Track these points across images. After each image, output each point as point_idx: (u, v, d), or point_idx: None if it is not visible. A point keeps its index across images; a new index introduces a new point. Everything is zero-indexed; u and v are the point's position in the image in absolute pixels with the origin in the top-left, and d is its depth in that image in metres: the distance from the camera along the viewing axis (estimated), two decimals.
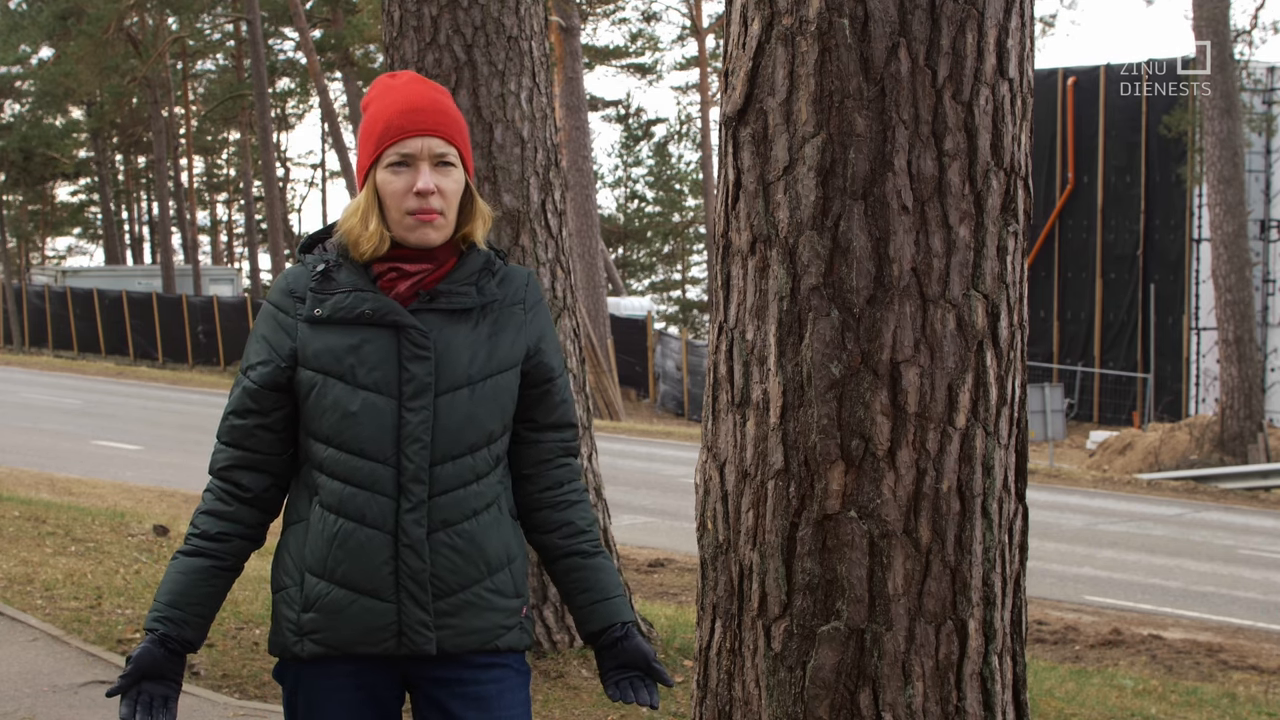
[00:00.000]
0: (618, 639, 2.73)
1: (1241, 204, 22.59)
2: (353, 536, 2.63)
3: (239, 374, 2.72)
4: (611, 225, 56.39)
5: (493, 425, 2.69)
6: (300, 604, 2.67)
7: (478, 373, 2.68)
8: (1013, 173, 3.22)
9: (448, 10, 6.06)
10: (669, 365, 31.57)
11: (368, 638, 2.64)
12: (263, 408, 2.68)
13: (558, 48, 21.41)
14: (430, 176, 2.66)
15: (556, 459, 2.80)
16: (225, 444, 2.71)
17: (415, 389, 2.64)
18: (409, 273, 2.69)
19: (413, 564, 2.63)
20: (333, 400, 2.63)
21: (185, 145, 51.26)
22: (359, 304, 2.65)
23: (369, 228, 2.67)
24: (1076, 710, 6.37)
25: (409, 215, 2.65)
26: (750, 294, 3.27)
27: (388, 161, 2.67)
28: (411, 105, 2.69)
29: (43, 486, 13.32)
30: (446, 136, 2.69)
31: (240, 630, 6.74)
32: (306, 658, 2.67)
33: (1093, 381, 30.39)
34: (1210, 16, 22.41)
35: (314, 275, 2.70)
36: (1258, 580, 12.15)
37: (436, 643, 2.65)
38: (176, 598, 2.65)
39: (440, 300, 2.68)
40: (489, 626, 2.69)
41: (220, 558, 2.68)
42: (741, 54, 3.27)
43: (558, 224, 6.31)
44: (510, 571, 2.72)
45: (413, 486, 2.63)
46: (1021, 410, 3.32)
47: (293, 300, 2.69)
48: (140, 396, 26.53)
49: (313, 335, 2.66)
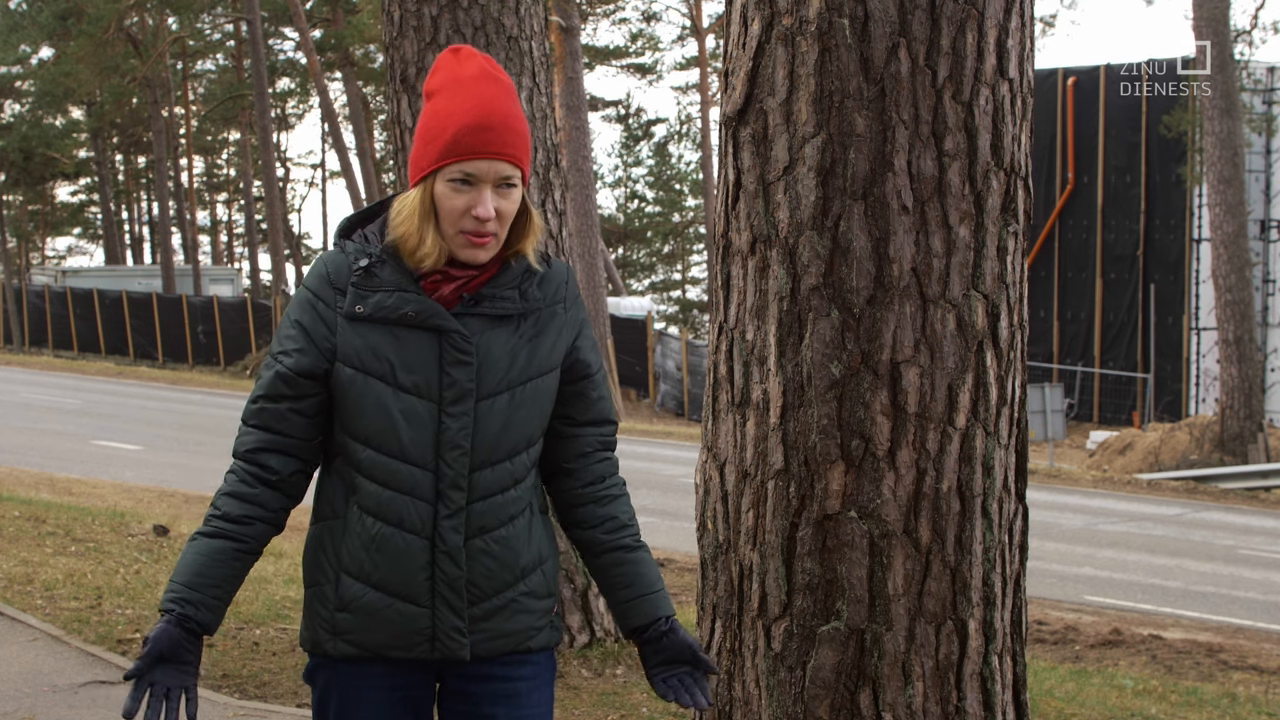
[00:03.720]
0: (663, 633, 2.69)
1: (1241, 204, 22.59)
2: (390, 541, 2.59)
3: (269, 358, 2.64)
4: (611, 225, 56.37)
5: (532, 430, 2.65)
6: (335, 603, 2.63)
7: (518, 377, 2.63)
8: (1013, 173, 3.22)
9: (448, 10, 6.06)
10: (669, 365, 31.55)
11: (401, 642, 2.61)
12: (296, 393, 2.60)
13: (558, 48, 21.39)
14: (491, 202, 2.56)
15: (596, 453, 2.75)
16: (253, 427, 2.62)
17: (456, 394, 2.58)
18: (454, 276, 2.62)
19: (449, 570, 2.59)
20: (374, 401, 2.57)
21: (185, 145, 51.27)
22: (402, 305, 2.58)
23: (426, 242, 2.57)
24: (1076, 710, 6.37)
25: (462, 234, 2.57)
26: (750, 294, 3.27)
27: (450, 176, 2.56)
28: (483, 121, 2.56)
29: (43, 486, 13.31)
30: (515, 160, 2.58)
31: (240, 630, 6.74)
32: (339, 657, 2.65)
33: (1093, 381, 30.38)
34: (1210, 16, 22.40)
35: (356, 269, 2.61)
36: (1258, 580, 12.15)
37: (470, 647, 2.62)
38: (194, 578, 2.56)
39: (484, 305, 2.62)
40: (522, 629, 2.67)
41: (241, 540, 2.60)
42: (741, 54, 3.27)
43: (558, 224, 6.30)
44: (543, 572, 2.70)
45: (451, 493, 2.59)
46: (1021, 410, 3.32)
47: (333, 292, 2.60)
48: (140, 396, 26.53)
49: (353, 332, 2.59)
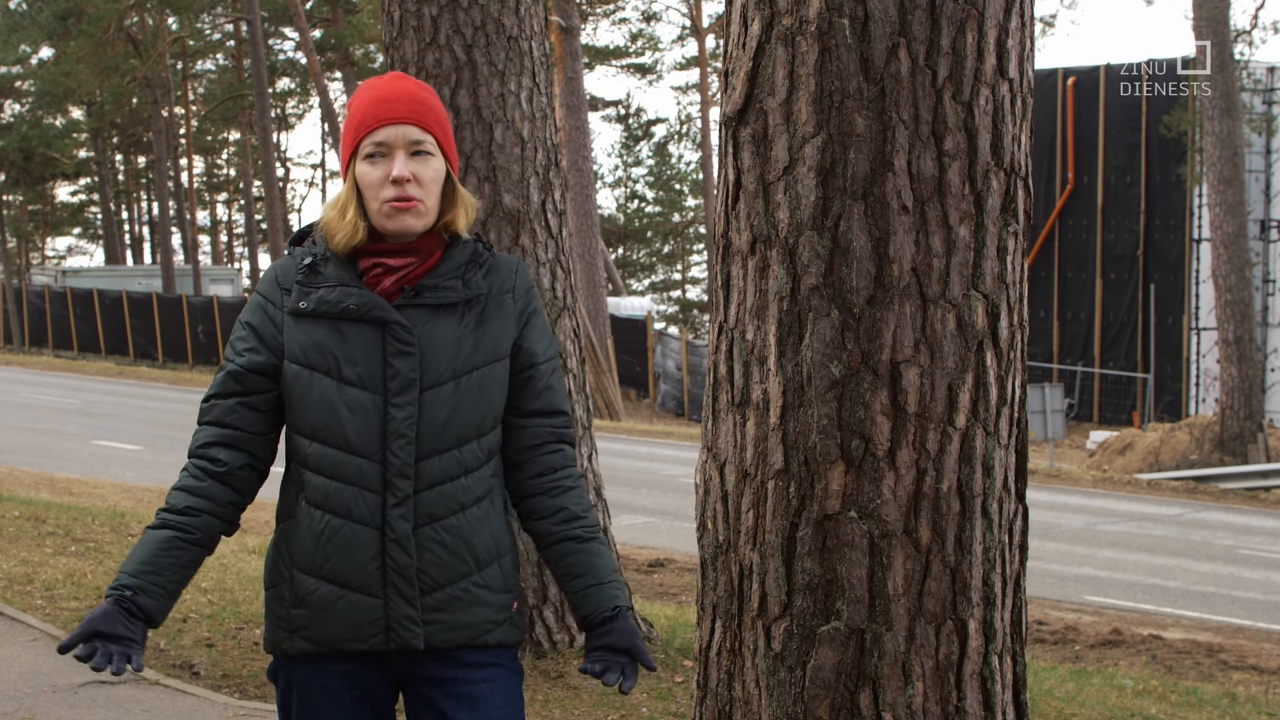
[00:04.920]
0: (607, 619, 2.70)
1: (1241, 204, 22.59)
2: (339, 532, 2.62)
3: (223, 362, 2.72)
4: (611, 225, 56.38)
5: (479, 419, 2.68)
6: (290, 600, 2.66)
7: (463, 366, 2.66)
8: (1013, 173, 3.22)
9: (448, 10, 6.06)
10: (669, 365, 31.56)
11: (355, 634, 2.63)
12: (246, 389, 2.67)
13: (558, 48, 21.39)
14: (406, 164, 2.65)
15: (546, 444, 2.77)
16: (204, 424, 2.71)
17: (400, 384, 2.63)
18: (394, 267, 2.68)
19: (399, 559, 2.62)
20: (318, 395, 2.63)
21: (185, 145, 51.26)
22: (344, 299, 2.64)
23: (345, 218, 2.67)
24: (1076, 710, 6.37)
25: (386, 203, 2.65)
26: (750, 294, 3.27)
27: (365, 153, 2.68)
28: (385, 96, 2.70)
29: (43, 486, 13.31)
30: (421, 124, 2.68)
31: (240, 630, 6.74)
32: (297, 655, 2.67)
33: (1093, 381, 30.39)
34: (1210, 16, 22.40)
35: (300, 268, 2.69)
36: (1258, 580, 12.15)
37: (425, 638, 2.64)
38: (136, 565, 2.62)
39: (426, 295, 2.67)
40: (478, 621, 2.67)
41: (184, 530, 2.66)
42: (741, 54, 3.27)
43: (558, 224, 6.30)
44: (500, 566, 2.71)
45: (398, 482, 2.62)
46: (1021, 410, 3.32)
47: (280, 292, 2.69)
48: (140, 396, 26.53)
49: (297, 328, 2.66)
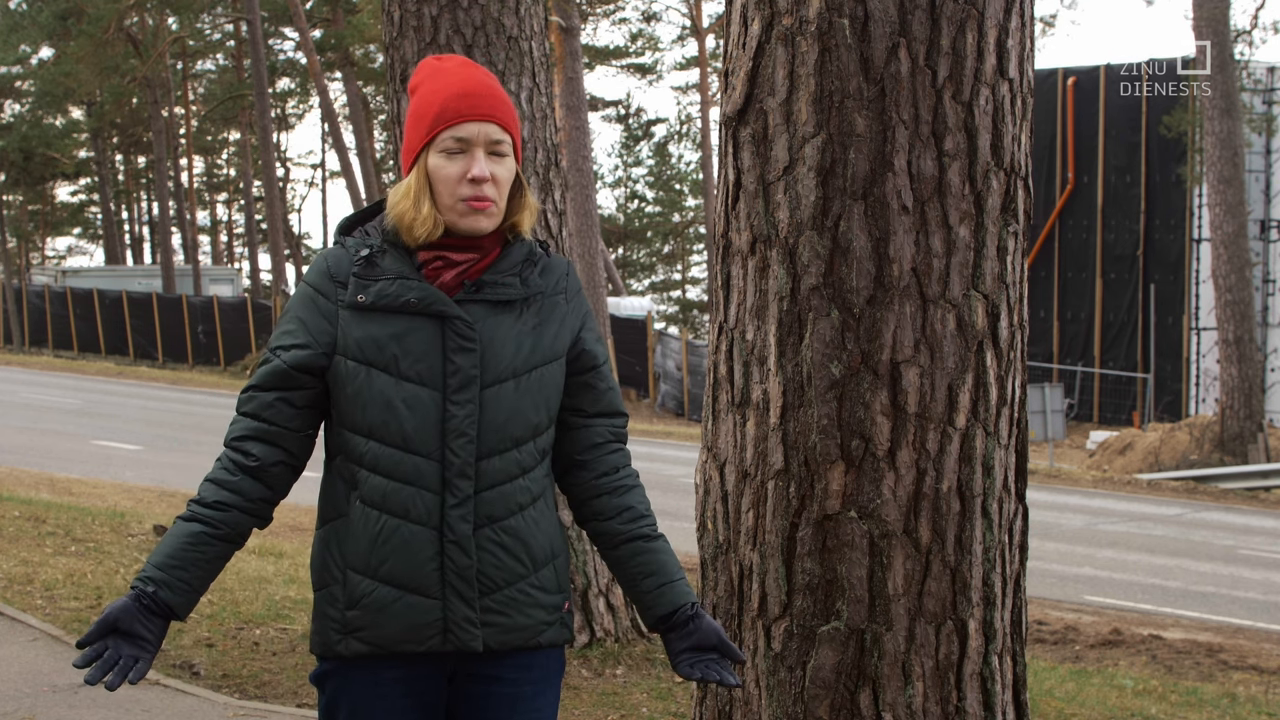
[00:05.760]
0: (689, 618, 2.66)
1: (1241, 204, 22.59)
2: (397, 533, 2.56)
3: (267, 352, 2.63)
4: (611, 225, 56.37)
5: (538, 418, 2.63)
6: (344, 601, 2.59)
7: (523, 365, 2.62)
8: (1013, 173, 3.22)
9: (448, 10, 6.06)
10: (669, 365, 31.54)
11: (413, 635, 2.58)
12: (288, 385, 2.60)
13: (558, 48, 21.39)
14: (486, 164, 2.59)
15: (609, 444, 2.73)
16: (242, 414, 2.63)
17: (460, 381, 2.57)
18: (455, 262, 2.62)
19: (459, 560, 2.56)
20: (376, 392, 2.56)
21: (185, 145, 51.27)
22: (404, 292, 2.58)
23: (422, 211, 2.59)
24: (1076, 710, 6.37)
25: (462, 202, 2.59)
26: (750, 294, 3.27)
27: (442, 146, 2.60)
28: (467, 89, 2.61)
29: (43, 486, 13.31)
30: (503, 123, 2.62)
31: (240, 630, 6.74)
32: (351, 656, 2.61)
33: (1093, 381, 30.38)
34: (1210, 16, 22.40)
35: (357, 260, 2.61)
36: (1258, 580, 12.15)
37: (482, 640, 2.59)
38: (164, 559, 2.54)
39: (486, 291, 2.61)
40: (533, 624, 2.64)
41: (214, 525, 2.57)
42: (741, 54, 3.27)
43: (558, 224, 6.30)
44: (554, 567, 2.67)
45: (458, 482, 2.56)
46: (1021, 410, 3.32)
47: (334, 284, 2.61)
48: (140, 396, 26.52)
49: (355, 322, 2.58)
